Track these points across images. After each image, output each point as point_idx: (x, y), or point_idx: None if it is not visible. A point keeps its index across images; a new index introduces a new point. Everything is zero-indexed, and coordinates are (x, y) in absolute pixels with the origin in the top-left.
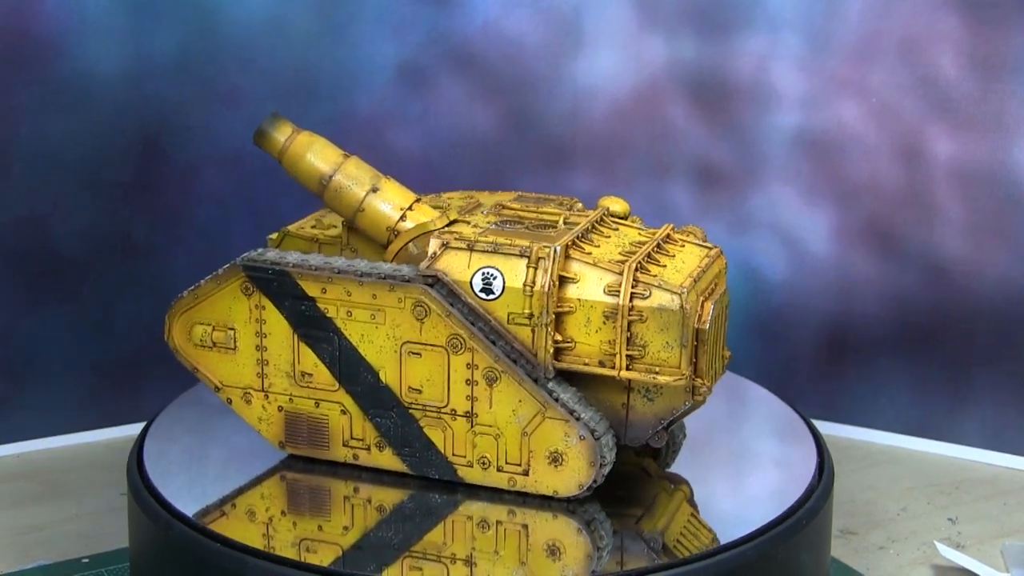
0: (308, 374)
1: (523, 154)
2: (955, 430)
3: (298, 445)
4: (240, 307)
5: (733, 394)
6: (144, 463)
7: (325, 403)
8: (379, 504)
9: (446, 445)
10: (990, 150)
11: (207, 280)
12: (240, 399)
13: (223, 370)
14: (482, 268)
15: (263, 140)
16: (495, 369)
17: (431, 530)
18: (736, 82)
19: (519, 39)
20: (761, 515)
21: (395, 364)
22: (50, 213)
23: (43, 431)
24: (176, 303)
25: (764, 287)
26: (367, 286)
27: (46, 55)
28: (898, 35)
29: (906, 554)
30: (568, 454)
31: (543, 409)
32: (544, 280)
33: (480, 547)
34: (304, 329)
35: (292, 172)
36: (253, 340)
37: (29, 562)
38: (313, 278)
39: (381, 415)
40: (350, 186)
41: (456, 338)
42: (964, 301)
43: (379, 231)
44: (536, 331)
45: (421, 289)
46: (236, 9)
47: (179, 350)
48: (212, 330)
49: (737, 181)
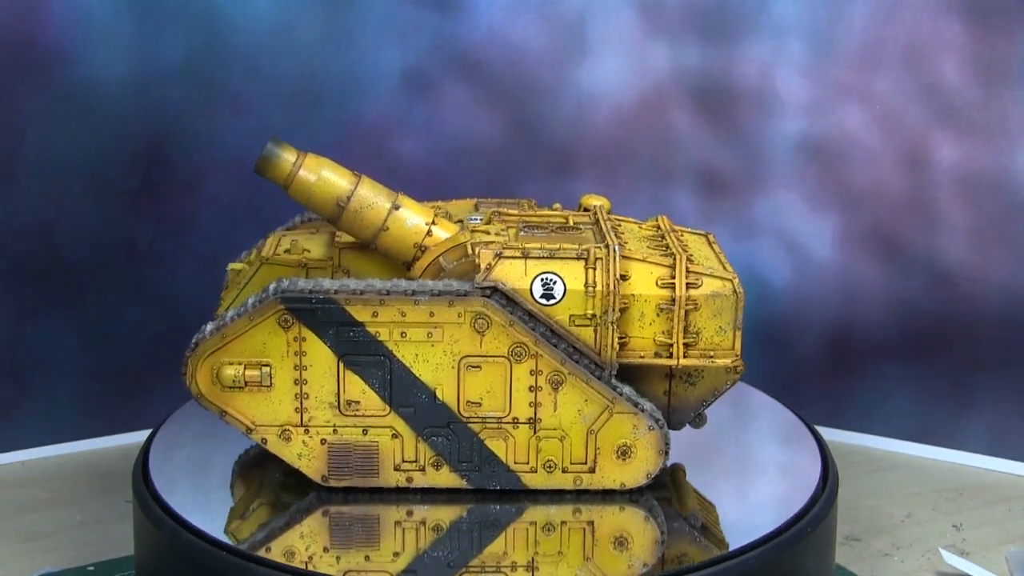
0: (355, 402)
1: (528, 161)
2: (959, 436)
3: (344, 476)
4: (277, 341)
5: (737, 401)
6: (149, 470)
7: (374, 429)
8: (435, 524)
9: (508, 454)
10: (994, 156)
11: (236, 318)
12: (277, 438)
13: (256, 410)
14: (541, 274)
15: (269, 167)
16: (561, 372)
17: (492, 542)
18: (740, 89)
19: (524, 46)
20: (766, 522)
21: (452, 380)
22: (55, 219)
23: (48, 438)
24: (199, 346)
25: (768, 293)
26: (423, 305)
27: (52, 62)
28: (902, 42)
29: (911, 561)
30: (637, 446)
31: (610, 405)
32: (607, 280)
33: (543, 551)
34: (351, 356)
35: (303, 196)
36: (291, 374)
37: (34, 569)
38: (362, 303)
39: (436, 433)
40: (371, 205)
41: (520, 346)
42: (968, 307)
43: (405, 248)
44: (599, 330)
45: (482, 302)
46: (242, 16)
47: (203, 395)
48: (244, 369)
49: (741, 187)
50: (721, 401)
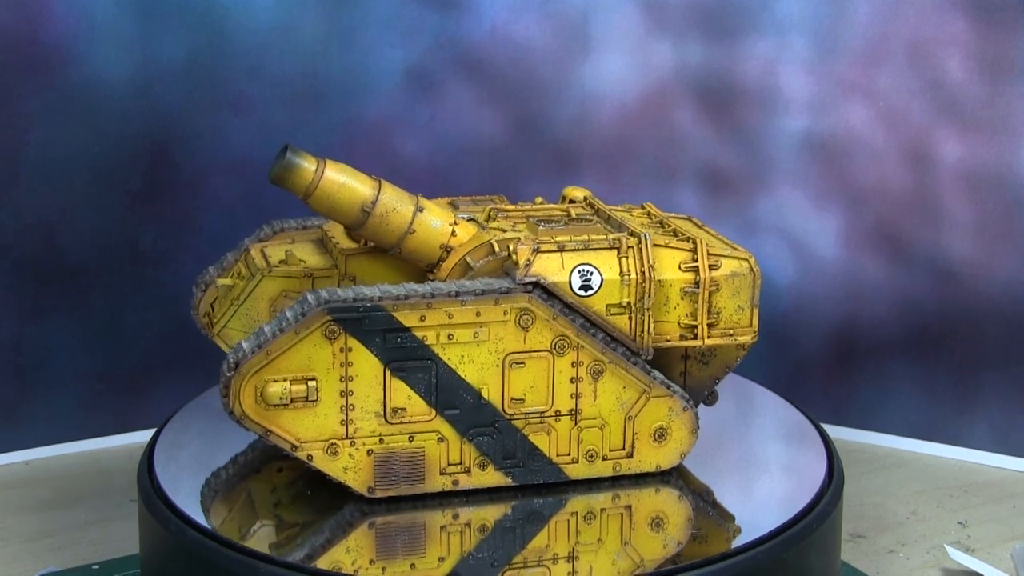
0: (400, 409)
1: (530, 159)
2: (964, 433)
3: (390, 486)
4: (322, 354)
5: (742, 398)
6: (155, 469)
7: (420, 435)
8: (480, 524)
9: (551, 448)
10: (998, 153)
11: (277, 333)
12: (323, 453)
13: (302, 426)
14: (578, 266)
15: (290, 175)
16: (601, 361)
17: (535, 536)
18: (744, 86)
19: (527, 44)
20: (772, 519)
21: (497, 378)
22: (58, 220)
23: (52, 438)
24: (242, 366)
25: (772, 291)
26: (470, 305)
27: (55, 62)
28: (906, 38)
29: (916, 557)
30: (672, 427)
31: (647, 390)
32: (641, 267)
33: (584, 540)
34: (397, 363)
35: (325, 204)
36: (337, 386)
37: (39, 569)
38: (410, 308)
39: (481, 433)
40: (396, 209)
41: (562, 339)
42: (972, 304)
43: (430, 250)
44: (634, 317)
45: (526, 297)
46: (244, 16)
47: (248, 416)
48: (290, 385)
49: (745, 185)
50: (727, 399)
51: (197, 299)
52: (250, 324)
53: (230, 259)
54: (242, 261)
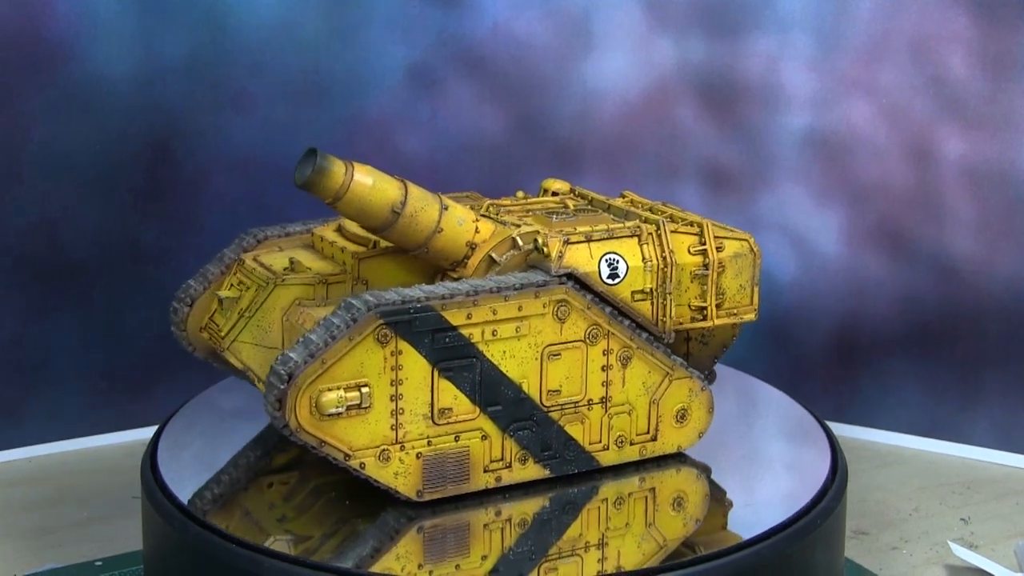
0: (447, 409)
1: (532, 156)
2: (966, 430)
3: (437, 488)
4: (374, 359)
5: (745, 395)
6: (158, 465)
7: (465, 434)
8: (520, 519)
9: (584, 436)
10: (1000, 150)
11: (330, 341)
12: (375, 460)
13: (354, 434)
14: (605, 255)
15: (322, 179)
16: (630, 348)
17: (569, 526)
18: (746, 83)
19: (528, 41)
20: (776, 514)
21: (536, 372)
22: (60, 218)
23: (55, 435)
24: (297, 377)
25: (774, 288)
26: (513, 300)
27: (57, 59)
28: (908, 35)
29: (919, 554)
30: (692, 407)
31: (670, 372)
32: (661, 253)
33: (613, 525)
34: (445, 363)
35: (356, 207)
36: (388, 391)
37: (41, 565)
38: (457, 306)
39: (521, 427)
40: (424, 208)
41: (595, 328)
42: (974, 301)
43: (457, 248)
44: (656, 302)
45: (563, 289)
46: (246, 13)
47: (303, 428)
48: (344, 393)
49: (747, 182)
50: (730, 395)
51: (183, 315)
52: (262, 336)
53: (214, 271)
54: (236, 272)
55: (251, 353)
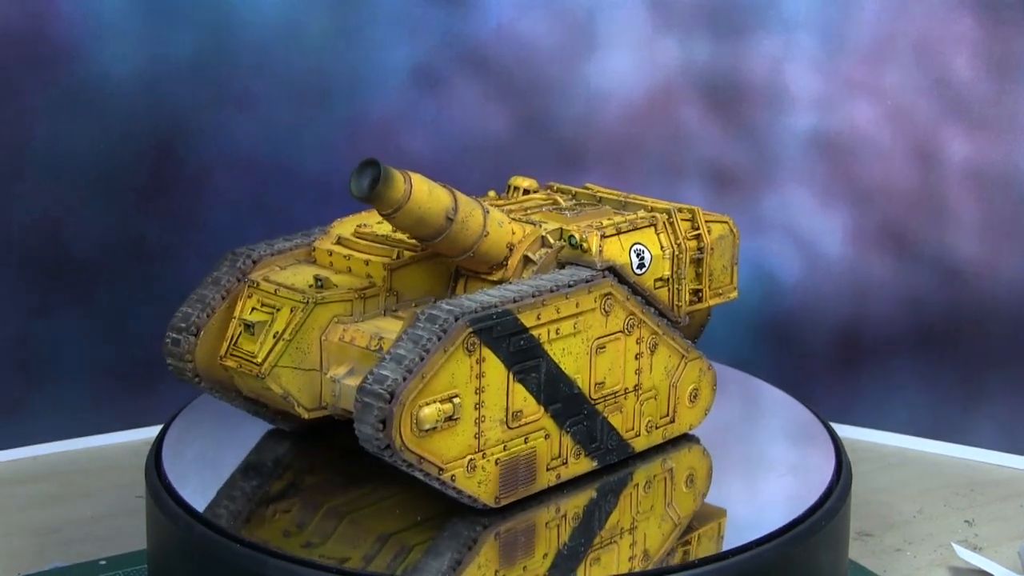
0: (519, 412)
1: (536, 157)
2: (970, 432)
3: (511, 492)
4: (462, 369)
5: (750, 396)
6: (163, 464)
7: (532, 435)
8: (575, 513)
9: (622, 425)
10: (1005, 151)
11: (425, 355)
12: (464, 471)
13: (446, 447)
14: (633, 246)
15: (388, 190)
16: (657, 335)
17: (611, 513)
18: (750, 84)
19: (533, 42)
20: (780, 516)
21: (587, 366)
22: (64, 216)
23: (59, 434)
24: (399, 394)
25: (778, 289)
26: (572, 297)
27: (61, 58)
28: (913, 36)
29: (923, 556)
30: (701, 387)
31: (685, 355)
32: (676, 240)
33: (643, 508)
34: (518, 366)
35: (416, 215)
36: (472, 400)
37: (46, 564)
38: (529, 308)
39: (576, 423)
40: (472, 213)
41: (631, 318)
42: (978, 302)
43: (500, 249)
44: (672, 288)
45: (608, 282)
46: (250, 12)
47: (405, 447)
48: (440, 406)
49: (751, 183)
50: (734, 395)
51: (190, 346)
52: (301, 358)
53: (213, 297)
54: (252, 295)
55: (291, 378)
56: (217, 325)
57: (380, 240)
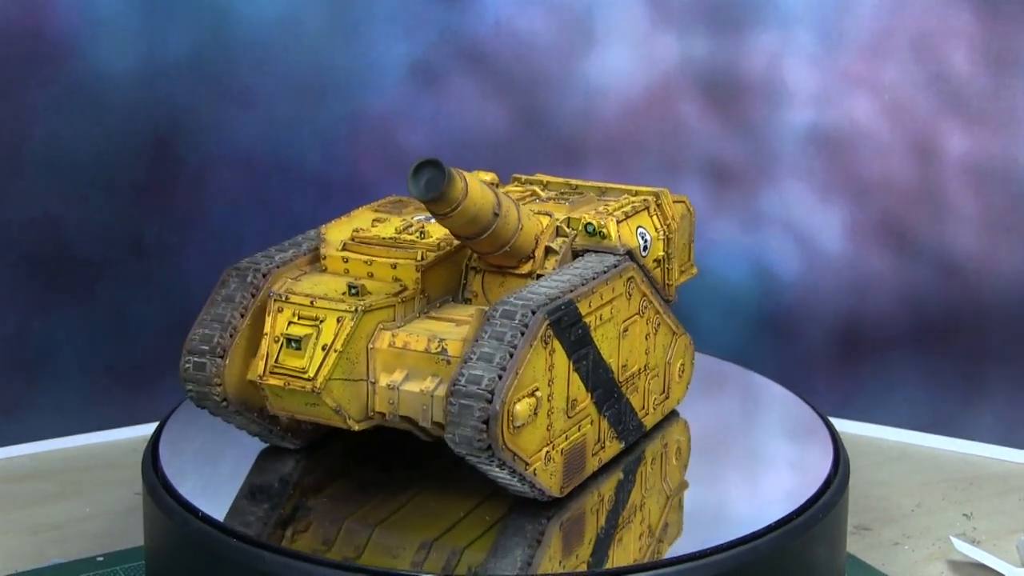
0: (575, 400)
1: (535, 153)
2: (968, 426)
3: (571, 481)
4: (539, 362)
5: (748, 391)
6: (160, 461)
7: (583, 422)
8: (610, 497)
9: (638, 405)
10: (1003, 146)
11: (515, 351)
12: (542, 464)
13: (529, 442)
14: (637, 229)
15: (451, 190)
16: (660, 314)
17: (631, 494)
18: (748, 79)
19: (531, 38)
20: (778, 509)
21: (616, 350)
22: (63, 214)
23: (57, 431)
24: (503, 392)
25: (776, 284)
26: (611, 283)
27: (59, 56)
28: (911, 31)
29: (921, 550)
30: (686, 362)
31: (676, 332)
32: (667, 221)
33: (649, 485)
34: (576, 354)
35: (471, 213)
36: (546, 392)
37: (44, 561)
38: (584, 296)
39: (610, 406)
40: (509, 207)
41: (644, 299)
42: (977, 297)
43: (530, 242)
44: (664, 268)
45: (631, 266)
46: (248, 9)
47: (505, 446)
48: (527, 400)
49: (749, 178)
50: (732, 390)
51: (218, 369)
52: (350, 368)
53: (232, 315)
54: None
55: (342, 390)
56: (243, 344)
57: (389, 243)
